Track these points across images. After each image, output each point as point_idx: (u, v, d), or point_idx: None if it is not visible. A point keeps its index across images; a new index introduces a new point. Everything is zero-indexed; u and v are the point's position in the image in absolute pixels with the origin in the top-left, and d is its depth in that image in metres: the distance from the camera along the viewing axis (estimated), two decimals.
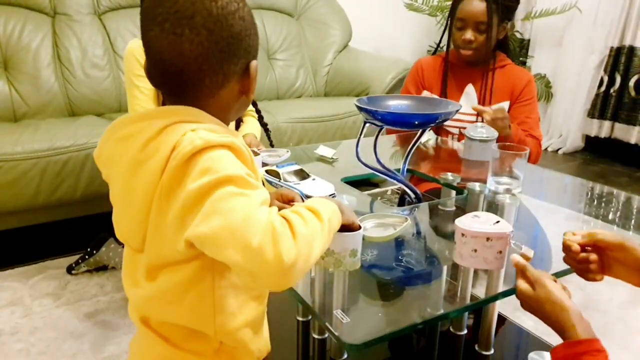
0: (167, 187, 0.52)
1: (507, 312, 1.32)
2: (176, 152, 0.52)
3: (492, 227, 0.70)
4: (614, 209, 1.14)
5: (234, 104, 0.62)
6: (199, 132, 0.54)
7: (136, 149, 0.54)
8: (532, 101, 1.49)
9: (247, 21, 0.58)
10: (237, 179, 0.51)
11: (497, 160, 1.05)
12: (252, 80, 0.60)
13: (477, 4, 1.36)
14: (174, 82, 0.57)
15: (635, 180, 2.62)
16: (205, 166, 0.51)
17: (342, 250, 0.68)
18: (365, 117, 1.04)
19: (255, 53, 0.61)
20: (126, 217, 0.58)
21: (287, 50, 2.45)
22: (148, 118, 0.56)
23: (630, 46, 2.73)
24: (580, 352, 0.56)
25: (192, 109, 0.57)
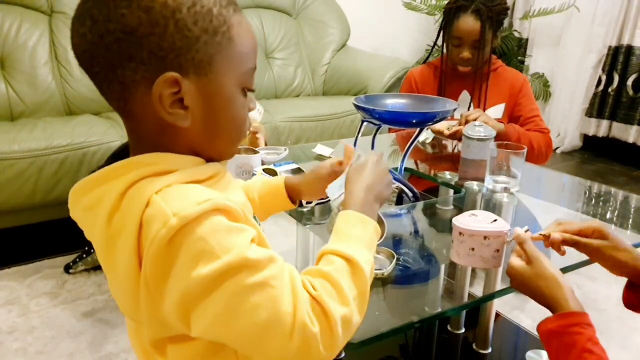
0: (152, 278, 0.43)
1: (504, 310, 1.32)
2: (150, 237, 0.41)
3: (489, 225, 0.69)
4: (612, 207, 1.15)
5: (174, 130, 0.47)
6: (166, 197, 0.43)
7: (102, 224, 0.45)
8: (531, 100, 1.50)
9: (157, 14, 0.43)
10: (246, 264, 0.42)
11: (494, 159, 1.05)
12: (155, 98, 0.44)
13: (472, 23, 1.37)
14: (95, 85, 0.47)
15: (633, 179, 2.63)
16: (196, 250, 0.41)
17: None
18: (363, 116, 1.04)
19: (189, 63, 0.44)
20: (116, 289, 0.49)
21: (285, 49, 2.45)
22: (105, 180, 0.46)
23: (628, 45, 2.73)
24: (572, 324, 0.56)
25: (148, 156, 0.46)
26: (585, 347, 0.53)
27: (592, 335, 0.55)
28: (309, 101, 2.28)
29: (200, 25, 0.44)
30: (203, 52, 0.45)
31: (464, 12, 1.37)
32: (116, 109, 0.48)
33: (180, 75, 0.44)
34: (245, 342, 0.43)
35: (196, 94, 0.46)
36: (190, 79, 0.45)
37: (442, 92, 1.51)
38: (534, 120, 1.47)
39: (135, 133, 0.49)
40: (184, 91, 0.45)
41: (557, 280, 0.60)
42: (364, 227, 0.52)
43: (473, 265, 0.72)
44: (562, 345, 0.55)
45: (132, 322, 0.52)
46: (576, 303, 0.58)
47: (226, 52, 0.46)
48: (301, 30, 2.53)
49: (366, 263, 0.49)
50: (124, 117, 0.48)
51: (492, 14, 1.37)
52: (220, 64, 0.46)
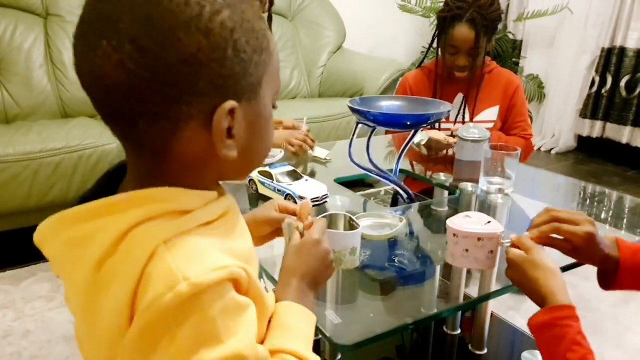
0: (138, 343, 0.36)
1: (500, 311, 1.33)
2: (149, 300, 0.35)
3: (483, 227, 0.70)
4: (607, 208, 1.15)
5: (210, 163, 0.40)
6: (177, 252, 0.37)
7: (89, 267, 0.38)
8: (523, 103, 1.52)
9: (217, 36, 0.36)
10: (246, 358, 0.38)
11: (489, 161, 1.05)
12: (216, 132, 0.38)
13: (468, 32, 1.37)
14: (106, 118, 0.39)
15: (627, 180, 2.65)
16: (204, 331, 0.36)
17: (342, 249, 0.69)
18: (358, 118, 1.04)
19: (245, 89, 0.39)
20: (90, 342, 0.42)
21: (281, 51, 2.45)
22: (100, 213, 0.39)
23: (621, 47, 2.76)
24: (563, 317, 0.57)
25: (161, 191, 0.39)
26: (575, 340, 0.55)
27: (581, 329, 0.57)
28: (305, 103, 2.29)
29: (252, 45, 0.39)
30: (255, 74, 0.40)
31: (459, 21, 1.38)
32: (144, 147, 0.39)
33: (237, 104, 0.39)
34: None
35: (244, 121, 0.40)
36: (242, 107, 0.39)
37: (437, 96, 1.52)
38: (521, 125, 1.49)
39: (153, 169, 0.40)
40: (236, 120, 0.39)
41: (554, 272, 0.61)
42: (307, 323, 0.49)
43: (467, 267, 0.72)
44: (553, 337, 0.56)
45: None
46: (567, 297, 0.59)
47: (269, 70, 0.41)
48: (297, 33, 2.54)
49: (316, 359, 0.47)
50: (151, 155, 0.40)
51: (487, 22, 1.37)
52: (265, 84, 0.41)
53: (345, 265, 0.71)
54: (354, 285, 0.78)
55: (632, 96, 2.75)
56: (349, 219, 0.74)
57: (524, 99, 1.52)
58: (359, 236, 0.72)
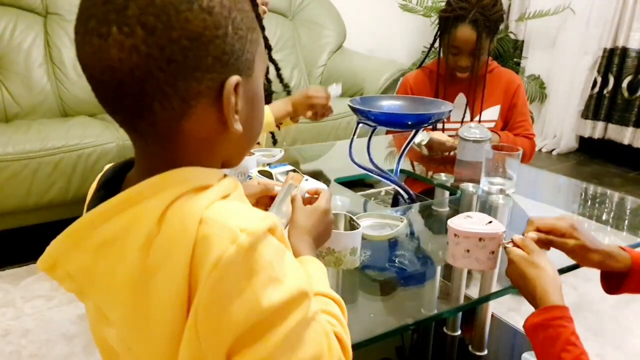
0: (208, 307, 0.37)
1: (500, 312, 1.32)
2: (215, 257, 0.36)
3: (484, 227, 0.69)
4: (608, 209, 1.15)
5: (217, 142, 0.43)
6: (220, 211, 0.39)
7: (134, 255, 0.38)
8: (524, 103, 1.51)
9: (218, 15, 0.38)
10: (307, 296, 0.42)
11: (490, 161, 1.05)
12: (227, 105, 0.40)
13: (470, 33, 1.37)
14: (116, 110, 0.40)
15: (629, 181, 2.64)
16: (267, 275, 0.38)
17: (342, 249, 0.68)
18: (359, 118, 1.04)
19: (243, 65, 0.41)
20: (142, 343, 0.41)
21: (281, 50, 2.45)
22: (130, 204, 0.39)
23: (623, 47, 2.75)
24: (556, 317, 0.58)
25: (182, 171, 0.41)
26: (569, 340, 0.56)
27: (574, 330, 0.57)
28: None
29: (246, 23, 0.41)
30: (251, 51, 0.42)
31: (461, 22, 1.37)
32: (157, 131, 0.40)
33: (240, 78, 0.41)
34: None
35: (244, 97, 0.43)
36: (242, 82, 0.42)
37: (439, 96, 1.51)
38: (523, 124, 1.49)
39: (165, 154, 0.42)
40: (239, 95, 0.41)
41: (550, 273, 0.62)
42: (323, 272, 0.55)
43: (468, 267, 0.72)
44: (547, 338, 0.57)
45: None
46: (561, 297, 0.60)
47: (259, 48, 0.44)
48: (297, 32, 2.53)
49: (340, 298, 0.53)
50: (162, 138, 0.41)
51: (490, 23, 1.37)
52: (258, 61, 0.44)
53: (346, 265, 0.70)
54: (354, 285, 0.77)
55: (634, 97, 2.74)
56: (349, 218, 0.74)
57: (525, 98, 1.52)
58: (360, 236, 0.72)
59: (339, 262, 0.69)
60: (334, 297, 0.51)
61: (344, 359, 0.45)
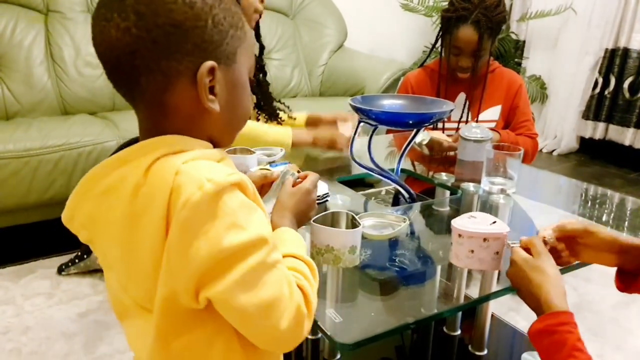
0: (177, 243, 0.45)
1: (500, 312, 1.32)
2: (183, 200, 0.44)
3: (489, 227, 0.69)
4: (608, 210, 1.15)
5: (200, 118, 0.51)
6: (194, 166, 0.46)
7: (125, 201, 0.47)
8: (526, 103, 1.51)
9: (199, 9, 0.47)
10: (266, 242, 0.47)
11: (491, 161, 1.04)
12: (200, 85, 0.48)
13: (472, 34, 1.36)
14: (117, 82, 0.50)
15: (629, 182, 2.64)
16: (230, 220, 0.45)
17: (341, 247, 0.68)
18: (360, 117, 1.04)
19: (223, 54, 0.49)
20: (133, 278, 0.50)
21: (282, 49, 2.45)
22: (124, 162, 0.48)
23: (624, 48, 2.74)
24: (562, 322, 0.57)
25: (168, 137, 0.49)
26: (575, 346, 0.55)
27: (580, 336, 0.56)
28: (306, 102, 2.28)
29: (228, 21, 0.49)
30: (231, 44, 0.50)
31: (463, 23, 1.36)
32: (146, 101, 0.49)
33: (216, 65, 0.49)
34: (247, 316, 0.47)
35: (223, 82, 0.50)
36: (221, 69, 0.50)
37: (440, 96, 1.51)
38: (526, 124, 1.49)
39: (157, 124, 0.50)
40: (217, 79, 0.49)
41: (557, 280, 0.61)
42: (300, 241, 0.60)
43: (472, 268, 0.71)
44: (553, 343, 0.56)
45: (139, 320, 0.52)
46: (565, 303, 0.59)
47: (244, 44, 0.52)
48: (298, 31, 2.53)
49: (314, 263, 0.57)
50: (153, 109, 0.50)
51: (492, 24, 1.36)
52: (240, 55, 0.52)
53: (344, 263, 0.70)
54: (354, 284, 0.77)
55: (635, 98, 2.74)
56: (351, 217, 0.74)
57: (526, 98, 1.51)
58: (359, 235, 0.72)
59: (338, 260, 0.69)
60: (305, 259, 0.56)
61: (303, 307, 0.49)
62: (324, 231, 0.70)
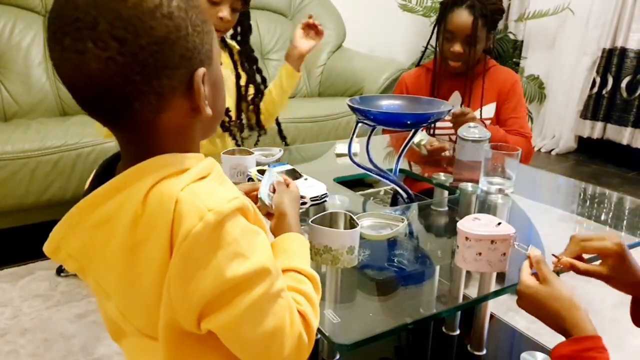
0: (178, 274, 0.43)
1: (499, 312, 1.32)
2: (184, 231, 0.42)
3: (495, 229, 0.69)
4: (607, 209, 1.15)
5: (191, 125, 0.49)
6: (195, 193, 0.44)
7: (124, 231, 0.45)
8: (519, 100, 1.48)
9: (178, 18, 0.44)
10: (270, 272, 0.46)
11: (489, 161, 1.05)
12: (198, 94, 0.47)
13: (466, 17, 1.37)
14: (99, 112, 0.46)
15: (627, 181, 2.64)
16: (232, 250, 0.44)
17: (339, 247, 0.68)
18: (358, 117, 1.04)
19: (204, 56, 0.47)
20: (134, 307, 0.48)
21: (281, 50, 2.45)
22: (118, 190, 0.46)
23: (622, 47, 2.75)
24: (586, 348, 0.55)
25: (161, 159, 0.46)
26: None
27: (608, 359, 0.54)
28: (305, 102, 2.28)
29: (200, 19, 0.47)
30: (207, 42, 0.48)
31: (458, 6, 1.38)
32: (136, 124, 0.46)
33: (205, 69, 0.47)
34: (250, 346, 0.47)
35: (208, 83, 0.49)
36: (207, 70, 0.48)
37: (434, 94, 1.51)
38: (518, 122, 1.46)
39: (145, 143, 0.47)
40: (205, 82, 0.48)
41: (573, 302, 0.59)
42: (303, 245, 0.60)
43: (480, 270, 0.71)
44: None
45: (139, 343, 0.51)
46: (591, 326, 0.58)
47: (213, 39, 0.50)
48: None
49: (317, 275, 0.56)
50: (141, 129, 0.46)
51: (486, 12, 1.36)
52: (214, 50, 0.50)
53: (342, 264, 0.70)
54: (353, 285, 0.77)
55: (632, 97, 2.74)
56: (349, 217, 0.74)
57: (521, 95, 1.49)
58: (357, 235, 0.72)
59: (336, 261, 0.69)
60: (309, 273, 0.55)
61: (304, 335, 0.49)
62: (322, 232, 0.70)
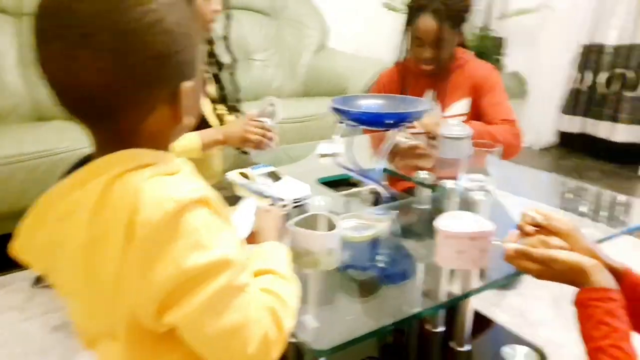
0: (138, 264, 0.42)
1: (482, 307, 1.33)
2: (142, 220, 0.41)
3: (474, 226, 0.69)
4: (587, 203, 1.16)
5: (168, 131, 0.49)
6: (156, 184, 0.43)
7: (84, 225, 0.43)
8: (497, 90, 1.43)
9: (176, 33, 0.44)
10: (232, 263, 0.45)
11: (470, 158, 1.05)
12: (180, 107, 0.47)
13: (432, 23, 1.35)
14: (83, 115, 0.46)
15: (607, 174, 2.69)
16: (192, 240, 0.42)
17: (319, 249, 0.68)
18: (340, 118, 1.03)
19: (192, 69, 0.47)
20: (97, 306, 0.47)
21: (265, 50, 2.43)
22: (80, 184, 0.45)
23: (600, 44, 2.80)
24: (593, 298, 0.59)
25: (126, 152, 0.46)
26: (601, 320, 0.58)
27: (612, 308, 0.58)
28: (290, 102, 2.27)
29: (195, 31, 0.47)
30: (197, 55, 0.48)
31: (423, 12, 1.36)
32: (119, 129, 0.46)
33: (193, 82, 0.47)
34: (212, 341, 0.45)
35: (191, 94, 0.48)
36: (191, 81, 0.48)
37: (406, 92, 1.48)
38: (501, 110, 1.40)
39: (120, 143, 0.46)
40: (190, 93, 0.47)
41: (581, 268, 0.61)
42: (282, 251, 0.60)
43: (460, 268, 0.71)
44: (584, 315, 0.60)
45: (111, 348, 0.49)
46: (603, 279, 0.60)
47: (199, 48, 0.49)
48: (281, 32, 2.51)
49: (296, 280, 0.55)
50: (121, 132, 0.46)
51: (452, 13, 1.35)
52: (200, 60, 0.50)
53: (323, 266, 0.69)
54: (334, 287, 0.77)
55: (610, 92, 2.79)
56: (330, 219, 0.73)
57: (497, 85, 1.43)
58: (338, 237, 0.71)
59: (316, 263, 0.69)
60: (286, 276, 0.54)
61: (273, 334, 0.47)
62: (302, 234, 0.69)
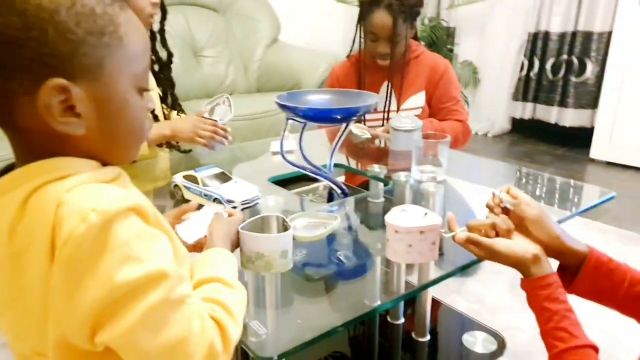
0: (64, 283, 0.39)
1: (443, 294, 1.35)
2: (64, 236, 0.38)
3: (423, 219, 0.70)
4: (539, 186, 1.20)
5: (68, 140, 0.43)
6: (80, 194, 0.40)
7: (2, 241, 0.41)
8: (452, 87, 1.48)
9: (32, 17, 0.40)
10: (168, 276, 0.42)
11: (420, 149, 1.06)
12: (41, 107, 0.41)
13: (385, 18, 1.35)
14: None
15: (557, 158, 2.81)
16: (122, 253, 0.39)
17: (271, 252, 0.66)
18: (287, 114, 1.01)
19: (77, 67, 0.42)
20: (24, 324, 0.44)
21: (214, 46, 2.37)
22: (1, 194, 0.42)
23: (545, 31, 2.90)
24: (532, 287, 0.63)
25: (47, 162, 0.42)
26: (541, 305, 0.62)
27: (550, 293, 0.62)
28: (243, 99, 2.23)
29: (84, 27, 0.41)
30: (91, 55, 0.42)
31: (377, 7, 1.36)
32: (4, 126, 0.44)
33: (67, 82, 0.41)
34: (150, 358, 0.43)
35: (88, 99, 0.43)
36: (81, 85, 0.42)
37: (363, 85, 1.49)
38: (454, 108, 1.46)
39: (24, 146, 0.45)
40: (75, 98, 0.42)
41: (516, 258, 0.64)
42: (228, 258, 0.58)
43: (411, 262, 0.72)
44: (529, 302, 0.64)
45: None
46: (541, 268, 0.64)
47: (117, 53, 0.44)
48: (230, 27, 2.45)
49: (242, 287, 0.53)
50: (11, 130, 0.44)
51: (405, 8, 1.36)
52: (111, 66, 0.44)
53: (277, 269, 0.68)
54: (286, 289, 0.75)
55: (557, 78, 2.91)
56: (282, 220, 0.71)
57: (452, 81, 1.48)
58: (290, 238, 0.69)
59: (269, 266, 0.67)
60: (232, 283, 0.52)
61: (218, 344, 0.45)
62: (252, 238, 0.67)
